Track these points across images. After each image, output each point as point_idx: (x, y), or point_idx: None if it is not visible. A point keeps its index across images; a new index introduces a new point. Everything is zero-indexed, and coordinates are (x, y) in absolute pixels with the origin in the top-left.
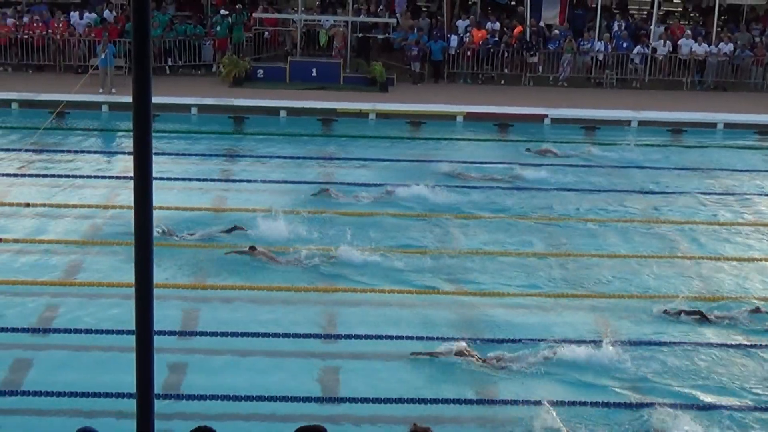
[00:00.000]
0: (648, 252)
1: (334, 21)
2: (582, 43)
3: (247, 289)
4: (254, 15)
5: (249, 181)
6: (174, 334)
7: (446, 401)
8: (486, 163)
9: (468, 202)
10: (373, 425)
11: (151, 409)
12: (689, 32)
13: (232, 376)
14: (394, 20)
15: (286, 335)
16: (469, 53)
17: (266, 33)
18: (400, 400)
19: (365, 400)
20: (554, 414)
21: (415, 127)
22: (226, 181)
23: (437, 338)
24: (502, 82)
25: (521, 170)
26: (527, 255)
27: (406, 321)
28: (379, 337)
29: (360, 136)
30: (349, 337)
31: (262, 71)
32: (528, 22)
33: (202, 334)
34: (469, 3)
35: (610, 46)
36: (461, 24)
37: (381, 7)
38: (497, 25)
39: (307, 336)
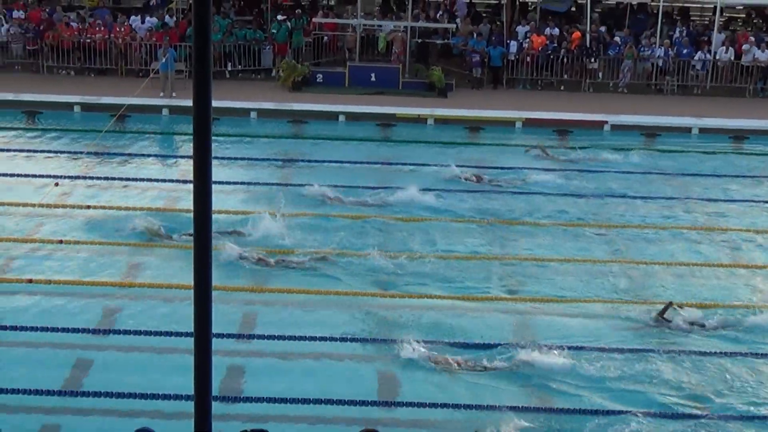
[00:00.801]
0: (712, 260)
1: (393, 26)
2: (642, 49)
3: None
4: (314, 20)
5: (307, 185)
6: (233, 336)
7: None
8: (541, 169)
9: (525, 209)
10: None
11: (208, 410)
12: (752, 39)
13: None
14: (454, 25)
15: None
16: (528, 59)
17: (325, 38)
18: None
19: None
20: (520, 420)
21: (474, 133)
22: (285, 185)
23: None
24: (562, 88)
25: (579, 177)
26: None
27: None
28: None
29: (418, 141)
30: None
31: (321, 76)
32: (588, 28)
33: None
34: (529, 9)
35: (671, 53)
36: (521, 30)
37: (441, 12)
38: (556, 31)
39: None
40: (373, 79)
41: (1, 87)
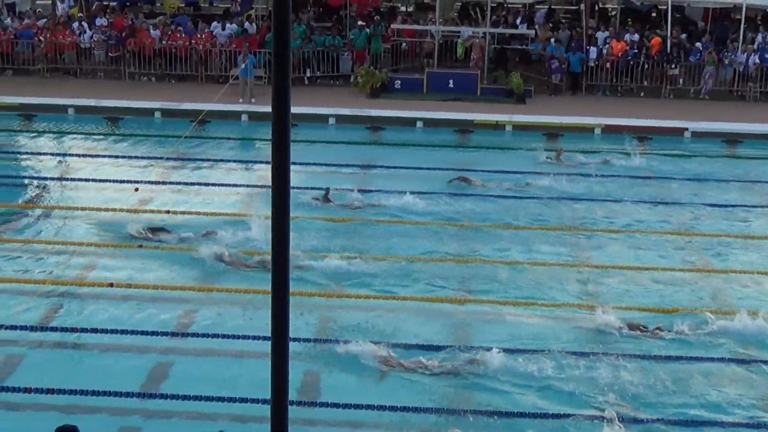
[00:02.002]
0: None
1: (472, 32)
2: (725, 55)
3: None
4: (392, 26)
5: (386, 192)
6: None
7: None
8: (621, 176)
9: (602, 216)
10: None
11: (285, 411)
12: None
13: None
14: (533, 32)
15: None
16: (608, 65)
17: (404, 44)
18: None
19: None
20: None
21: (552, 139)
22: (365, 191)
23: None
24: (642, 94)
25: (660, 186)
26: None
27: None
28: None
29: (496, 147)
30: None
31: (399, 82)
32: (669, 34)
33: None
34: (609, 15)
35: (754, 59)
36: (600, 35)
37: (520, 18)
38: (636, 37)
39: None
40: (451, 85)
41: (84, 93)
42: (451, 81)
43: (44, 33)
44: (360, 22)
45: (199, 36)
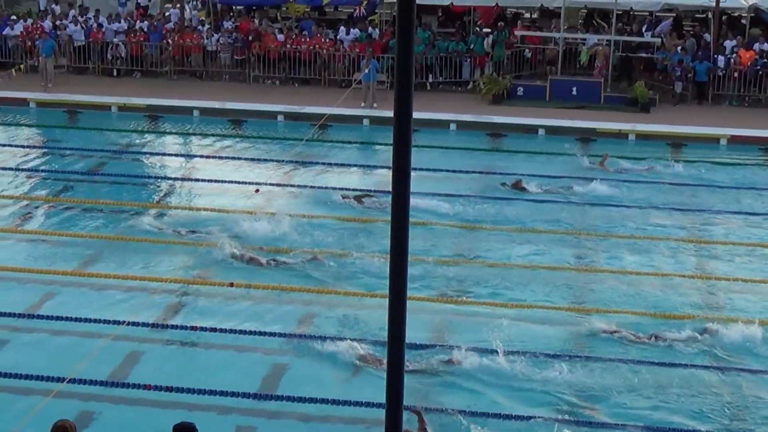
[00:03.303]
0: None
1: (597, 40)
2: None
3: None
4: (516, 33)
5: (505, 199)
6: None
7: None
8: (746, 188)
9: (726, 229)
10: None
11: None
12: None
13: None
14: (659, 40)
15: None
16: (735, 74)
17: (527, 51)
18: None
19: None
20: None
21: (676, 149)
22: (483, 198)
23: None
24: None
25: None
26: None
27: None
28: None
29: (617, 156)
30: None
31: (521, 89)
32: None
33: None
34: (738, 24)
35: None
36: (728, 44)
37: (646, 26)
38: (766, 46)
39: None
40: (574, 92)
41: (209, 95)
42: (574, 89)
43: (172, 36)
44: (484, 29)
45: (323, 40)
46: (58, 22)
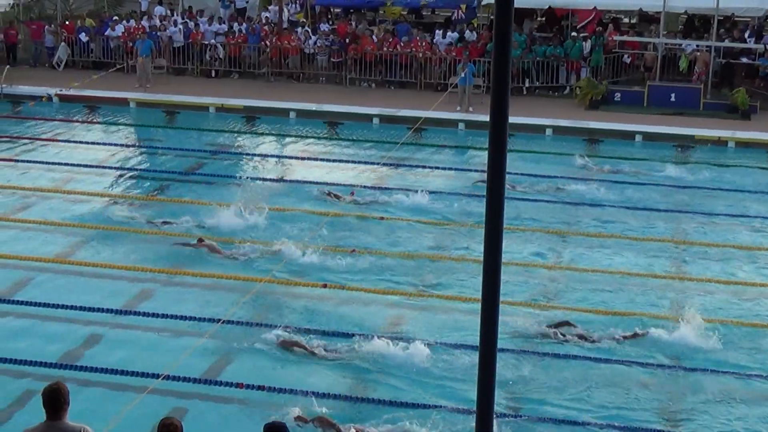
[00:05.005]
0: None
1: (697, 45)
2: None
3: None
4: (614, 38)
5: (600, 205)
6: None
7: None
8: None
9: None
10: None
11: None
12: None
13: None
14: (762, 46)
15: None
16: None
17: (625, 56)
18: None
19: None
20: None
21: None
22: (578, 204)
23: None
24: None
25: None
26: None
27: None
28: None
29: (716, 164)
30: None
31: (619, 95)
32: None
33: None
34: None
35: None
36: None
37: (748, 32)
38: None
39: None
40: (672, 99)
41: (306, 97)
42: (672, 95)
43: (270, 38)
44: (582, 33)
45: (419, 43)
46: (158, 23)
